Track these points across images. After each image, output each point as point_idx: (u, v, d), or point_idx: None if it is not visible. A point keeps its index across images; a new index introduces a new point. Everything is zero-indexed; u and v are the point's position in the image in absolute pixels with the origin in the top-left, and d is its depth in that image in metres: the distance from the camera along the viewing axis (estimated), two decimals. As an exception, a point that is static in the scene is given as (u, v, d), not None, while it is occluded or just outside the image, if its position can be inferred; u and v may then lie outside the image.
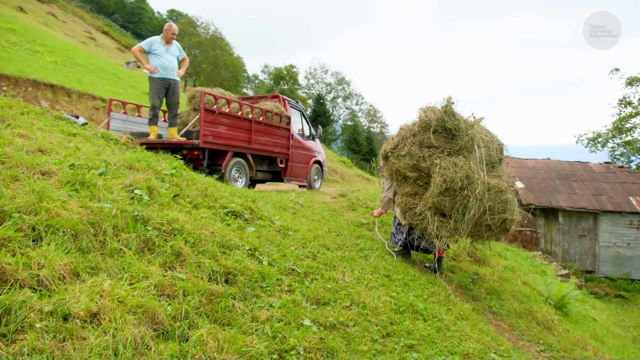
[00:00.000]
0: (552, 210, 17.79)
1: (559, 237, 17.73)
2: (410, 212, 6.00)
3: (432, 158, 5.81)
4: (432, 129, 5.93)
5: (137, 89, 23.27)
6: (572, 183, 19.03)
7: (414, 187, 6.04)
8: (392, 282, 4.81)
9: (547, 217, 17.85)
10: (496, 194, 5.70)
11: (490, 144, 6.16)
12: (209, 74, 48.02)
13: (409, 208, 6.01)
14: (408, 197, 6.03)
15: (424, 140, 5.97)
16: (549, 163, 20.58)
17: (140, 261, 3.08)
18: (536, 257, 15.46)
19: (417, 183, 6.02)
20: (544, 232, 17.79)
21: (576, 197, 18.08)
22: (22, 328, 2.14)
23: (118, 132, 7.78)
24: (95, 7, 68.99)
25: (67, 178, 3.65)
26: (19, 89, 13.87)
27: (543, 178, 19.10)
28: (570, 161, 21.01)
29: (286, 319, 3.20)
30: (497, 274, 7.17)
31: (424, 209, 5.80)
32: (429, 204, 5.75)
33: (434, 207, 5.74)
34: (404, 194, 6.10)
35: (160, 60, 7.70)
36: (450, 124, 5.89)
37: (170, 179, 4.72)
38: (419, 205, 5.85)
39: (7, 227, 2.70)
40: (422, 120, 6.07)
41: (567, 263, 17.31)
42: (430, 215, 5.73)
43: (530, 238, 17.72)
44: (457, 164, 5.61)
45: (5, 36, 20.82)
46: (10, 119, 4.91)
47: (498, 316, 5.67)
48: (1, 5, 32.82)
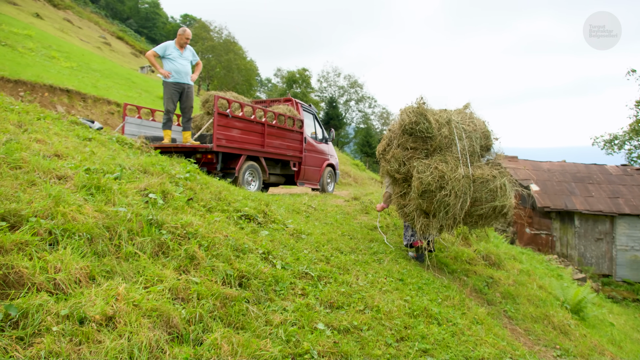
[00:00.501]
0: (568, 214, 17.57)
1: (575, 240, 17.50)
2: (401, 212, 6.16)
3: (411, 161, 5.88)
4: (408, 131, 5.92)
5: (151, 94, 23.49)
6: (588, 186, 18.78)
7: (402, 187, 6.15)
8: (406, 285, 4.78)
9: (563, 220, 17.63)
10: (482, 184, 5.75)
11: (472, 133, 6.14)
12: (222, 78, 48.29)
13: (400, 208, 6.17)
14: (399, 198, 6.17)
15: (403, 143, 6.02)
16: (565, 165, 20.33)
17: (154, 265, 3.10)
18: (552, 260, 15.27)
19: (404, 184, 6.12)
20: (559, 236, 17.57)
21: (592, 200, 17.83)
22: (39, 331, 2.16)
23: (132, 136, 7.86)
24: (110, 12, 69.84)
25: (83, 182, 3.69)
26: (36, 94, 14.07)
27: (558, 181, 18.88)
28: (586, 163, 20.73)
29: (300, 322, 3.20)
30: (512, 278, 7.09)
31: (411, 210, 5.92)
32: (413, 205, 5.85)
33: (418, 209, 5.84)
34: (396, 194, 6.23)
35: (174, 64, 7.77)
36: (422, 127, 5.85)
37: (184, 182, 4.75)
38: (408, 206, 5.97)
39: (24, 231, 2.73)
40: (400, 123, 6.06)
41: (584, 267, 17.07)
42: (416, 216, 5.85)
43: (546, 241, 17.52)
44: (432, 165, 5.69)
45: (22, 42, 21.16)
46: (27, 124, 4.98)
47: (513, 320, 5.61)
48: (18, 12, 33.38)
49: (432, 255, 6.53)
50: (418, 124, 5.85)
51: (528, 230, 17.80)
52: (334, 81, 60.50)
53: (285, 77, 58.33)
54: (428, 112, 6.01)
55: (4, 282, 2.35)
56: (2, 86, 13.06)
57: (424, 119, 5.87)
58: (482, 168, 5.96)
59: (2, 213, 2.79)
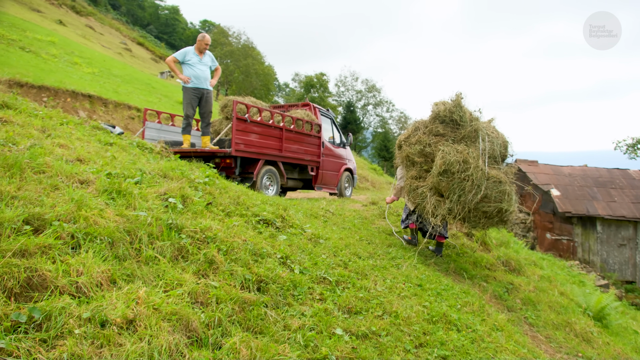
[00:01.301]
0: (590, 219, 17.26)
1: (597, 246, 17.17)
2: (414, 193, 6.54)
3: (438, 145, 6.38)
4: (440, 119, 6.58)
5: (171, 99, 23.78)
6: (610, 190, 18.43)
7: (420, 171, 6.60)
8: (425, 291, 4.74)
9: (585, 225, 17.32)
10: (494, 183, 6.11)
11: (495, 139, 6.57)
12: (241, 83, 48.65)
13: (413, 189, 6.55)
14: (413, 180, 6.60)
15: (433, 129, 6.59)
16: (586, 170, 19.99)
17: (174, 269, 3.13)
18: (573, 266, 15.01)
19: (422, 167, 6.58)
20: (581, 241, 17.26)
21: (615, 205, 17.49)
22: (61, 334, 2.19)
23: (152, 141, 7.95)
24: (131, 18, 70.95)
25: (104, 187, 3.74)
26: (59, 99, 14.35)
27: (580, 185, 18.57)
28: (609, 168, 20.35)
29: (318, 327, 3.19)
30: (532, 284, 6.98)
31: (425, 189, 6.37)
32: (430, 184, 6.30)
33: (433, 188, 6.28)
34: (411, 176, 6.66)
35: (193, 70, 7.85)
36: (457, 115, 6.47)
37: (203, 187, 4.79)
38: (422, 187, 6.43)
39: (47, 234, 2.78)
40: (434, 112, 6.71)
41: (606, 273, 16.73)
42: (429, 195, 6.28)
43: (567, 247, 17.22)
44: (458, 150, 6.16)
45: (46, 49, 21.61)
46: (50, 129, 5.08)
47: (534, 327, 5.52)
48: (42, 19, 34.12)
49: (439, 259, 6.84)
50: (453, 113, 6.47)
51: (549, 235, 17.53)
52: (351, 85, 60.45)
53: (303, 82, 58.50)
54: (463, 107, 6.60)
55: (27, 285, 2.39)
56: (26, 92, 13.34)
57: (460, 109, 6.49)
58: (497, 170, 6.28)
59: (26, 217, 2.84)
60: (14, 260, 2.43)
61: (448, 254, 7.13)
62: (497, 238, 9.28)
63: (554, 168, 19.84)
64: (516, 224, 18.95)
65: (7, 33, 20.64)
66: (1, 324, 2.09)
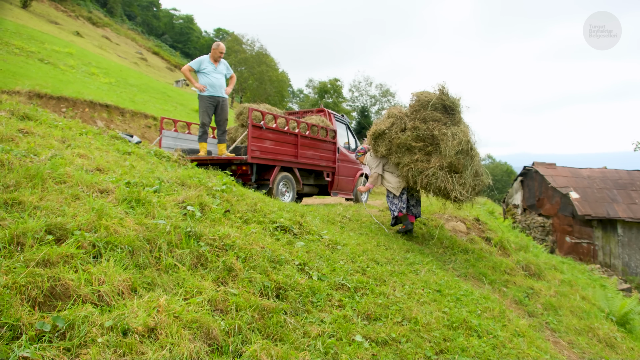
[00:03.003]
0: (610, 222, 16.96)
1: (619, 249, 16.85)
2: (421, 176, 6.95)
3: (439, 128, 6.92)
4: (433, 106, 7.14)
5: (186, 107, 24.02)
6: (631, 193, 18.10)
7: (421, 154, 7.06)
8: (444, 297, 4.69)
9: (605, 228, 17.02)
10: (479, 161, 7.20)
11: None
12: (255, 90, 48.95)
13: (420, 172, 6.99)
14: (417, 163, 7.03)
15: (427, 116, 7.10)
16: (606, 172, 19.66)
17: (193, 276, 3.14)
18: (594, 270, 14.74)
19: (423, 151, 7.05)
20: (602, 244, 16.96)
21: (636, 208, 17.17)
22: (84, 342, 2.20)
23: (169, 149, 8.03)
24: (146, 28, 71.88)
25: (124, 196, 3.78)
26: (77, 109, 14.59)
27: (599, 188, 18.26)
28: (629, 170, 19.99)
29: (337, 334, 3.18)
30: (553, 289, 6.87)
31: (436, 170, 6.85)
32: (444, 164, 6.83)
33: (447, 167, 6.84)
34: (411, 161, 7.08)
35: (208, 78, 7.92)
36: (449, 102, 7.15)
37: (220, 195, 4.81)
38: (431, 168, 6.89)
39: (69, 244, 2.81)
40: (421, 100, 7.24)
41: (629, 277, 16.40)
42: (445, 173, 6.83)
43: (587, 250, 16.94)
44: (463, 131, 6.96)
45: (64, 60, 22.00)
46: (70, 139, 5.16)
47: (556, 333, 5.42)
48: (59, 31, 34.76)
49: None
50: (445, 100, 7.12)
51: (568, 239, 17.27)
52: (365, 90, 60.38)
53: (316, 88, 58.63)
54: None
55: (51, 294, 2.42)
56: (46, 103, 13.59)
57: (448, 96, 7.18)
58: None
59: (48, 227, 2.88)
60: (37, 269, 2.47)
61: (467, 259, 7.06)
62: (516, 242, 9.17)
63: (573, 170, 19.56)
64: (535, 228, 18.71)
65: (26, 45, 21.07)
66: (26, 332, 2.12)
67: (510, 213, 20.53)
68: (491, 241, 8.80)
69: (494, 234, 9.28)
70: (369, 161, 7.83)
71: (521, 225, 19.04)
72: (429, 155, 7.01)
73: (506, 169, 71.92)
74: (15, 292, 2.29)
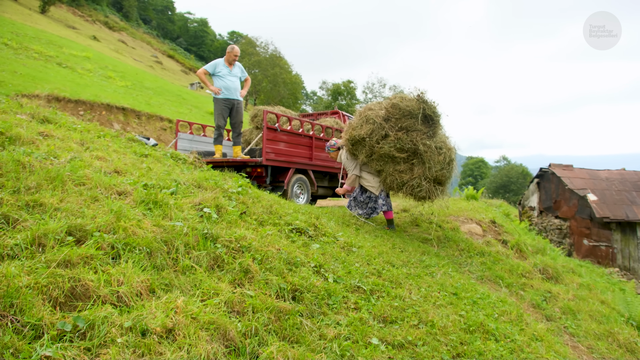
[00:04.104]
0: (630, 224, 16.67)
1: (638, 252, 16.56)
2: (407, 186, 6.99)
3: (422, 142, 6.89)
4: (414, 116, 7.02)
5: (201, 109, 24.19)
6: (651, 194, 17.78)
7: (405, 165, 7.02)
8: (460, 300, 4.66)
9: (624, 231, 16.74)
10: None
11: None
12: (269, 92, 49.15)
13: (403, 183, 7.00)
14: (401, 175, 7.01)
15: (409, 126, 7.00)
16: (624, 174, 19.34)
17: (210, 278, 3.16)
18: (613, 273, 14.50)
19: (407, 161, 7.01)
20: (621, 247, 16.68)
21: (657, 210, 16.86)
22: (104, 343, 2.23)
23: (185, 151, 8.10)
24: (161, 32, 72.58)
25: (142, 198, 3.82)
26: (94, 112, 14.79)
27: (618, 190, 17.98)
28: (649, 171, 19.65)
29: (354, 337, 3.17)
30: (571, 292, 6.77)
31: (420, 181, 6.91)
32: (429, 176, 6.90)
33: (432, 179, 6.95)
34: (395, 171, 7.04)
35: (223, 81, 7.98)
36: (430, 111, 7.07)
37: (236, 197, 4.84)
38: (415, 179, 6.92)
39: (89, 245, 2.85)
40: (402, 109, 7.05)
41: (649, 280, 16.11)
42: (428, 185, 6.93)
43: (606, 253, 16.67)
44: (445, 143, 7.13)
45: (81, 64, 22.32)
46: (88, 142, 5.23)
47: (575, 337, 5.35)
48: (77, 35, 35.29)
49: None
50: (425, 109, 7.00)
51: (586, 241, 17.02)
52: (379, 92, 60.21)
53: (330, 90, 58.66)
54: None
55: (71, 295, 2.46)
56: (64, 106, 13.79)
57: (428, 104, 7.06)
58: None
59: (69, 228, 2.92)
60: (58, 270, 2.50)
61: (483, 262, 7.00)
62: (533, 245, 9.06)
63: (590, 172, 19.29)
64: (551, 230, 18.49)
65: (45, 50, 21.42)
66: (48, 332, 2.15)
67: (526, 215, 20.31)
68: (508, 244, 8.71)
69: (510, 237, 9.19)
70: (346, 162, 7.64)
71: (537, 227, 18.82)
72: (412, 165, 7.00)
73: (522, 170, 71.20)
74: (37, 292, 2.33)
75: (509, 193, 60.55)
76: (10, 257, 2.58)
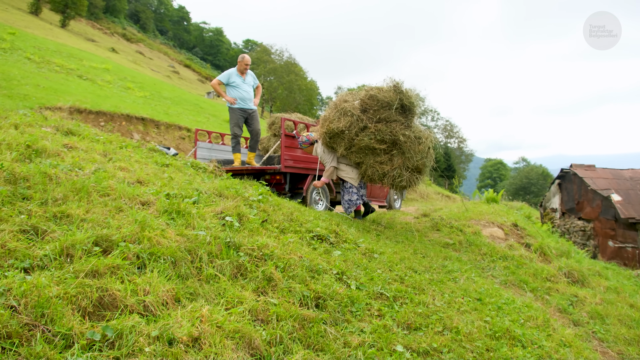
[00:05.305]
0: (656, 225, 16.28)
1: (666, 253, 16.15)
2: (388, 176, 6.99)
3: (402, 132, 6.90)
4: (392, 107, 7.00)
5: (218, 118, 24.41)
6: (677, 194, 17.35)
7: (385, 156, 7.01)
8: (485, 305, 4.59)
9: (651, 232, 16.34)
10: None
11: None
12: (284, 99, 49.41)
13: (384, 174, 7.00)
14: (381, 165, 7.02)
15: (388, 117, 6.99)
16: (649, 173, 18.91)
17: (234, 286, 3.17)
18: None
19: (387, 152, 7.00)
20: (647, 249, 16.29)
21: (683, 209, 16.44)
22: (132, 352, 2.25)
23: (204, 160, 8.17)
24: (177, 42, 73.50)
25: (164, 207, 3.86)
26: (114, 123, 15.02)
27: (643, 189, 17.57)
28: (675, 170, 19.17)
29: (378, 344, 3.15)
30: (599, 296, 6.63)
31: (401, 171, 6.95)
32: (409, 166, 6.99)
33: (412, 168, 7.03)
34: (375, 162, 7.04)
35: (238, 92, 8.09)
36: (407, 101, 7.09)
37: (257, 205, 4.86)
38: (395, 169, 6.95)
39: (115, 255, 2.89)
40: (380, 100, 7.04)
41: (677, 282, 15.69)
42: (409, 175, 7.02)
43: (632, 255, 16.30)
44: (423, 132, 7.22)
45: (101, 75, 22.73)
46: (111, 153, 5.31)
47: (604, 343, 5.23)
48: (96, 48, 35.96)
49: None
50: (402, 100, 7.03)
51: (611, 243, 16.67)
52: (394, 96, 59.96)
53: (345, 95, 58.56)
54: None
55: (99, 304, 2.49)
56: (85, 117, 14.05)
57: (406, 95, 7.10)
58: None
59: (95, 239, 2.97)
60: (86, 280, 2.54)
61: (506, 266, 6.91)
62: (557, 248, 8.91)
63: (614, 172, 18.90)
64: (574, 232, 18.16)
65: (66, 63, 21.86)
66: (78, 341, 2.18)
67: (548, 217, 19.99)
68: (531, 247, 8.58)
69: (533, 240, 9.05)
70: (323, 155, 7.58)
71: (560, 229, 18.50)
72: (392, 156, 7.02)
73: (542, 171, 70.21)
74: (67, 302, 2.37)
75: (530, 195, 59.73)
76: (40, 268, 2.63)
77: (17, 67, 17.44)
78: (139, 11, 70.60)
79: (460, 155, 63.89)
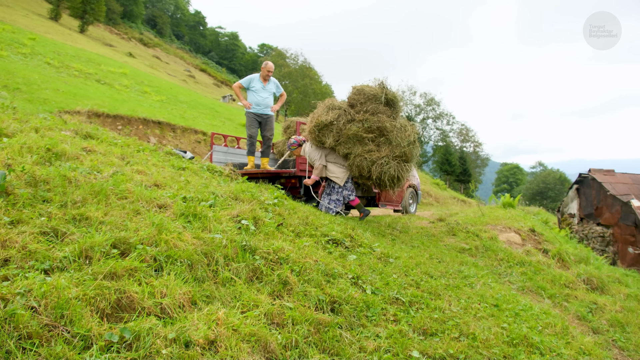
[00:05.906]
0: (677, 231, 15.95)
1: (687, 260, 15.80)
2: (375, 165, 7.25)
3: (389, 121, 7.36)
4: (378, 99, 7.55)
5: (234, 121, 24.55)
6: (699, 199, 16.98)
7: (373, 144, 7.36)
8: (502, 312, 4.54)
9: (672, 238, 16.02)
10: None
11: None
12: (299, 103, 49.53)
13: (373, 162, 7.27)
14: (370, 154, 7.32)
15: (374, 109, 7.47)
16: (670, 178, 18.54)
17: (250, 290, 3.18)
18: (661, 283, 13.89)
19: (374, 141, 7.37)
20: (668, 255, 15.96)
21: None
22: (149, 354, 2.26)
23: (220, 163, 8.23)
24: (193, 47, 74.17)
25: (181, 210, 3.89)
26: (132, 127, 15.20)
27: (664, 195, 17.23)
28: (697, 174, 18.78)
29: (394, 350, 3.12)
30: (618, 303, 6.51)
31: (388, 160, 7.26)
32: (396, 153, 7.32)
33: (400, 156, 7.36)
34: (364, 151, 7.35)
35: (255, 97, 8.21)
36: (391, 96, 7.66)
37: (273, 208, 4.87)
38: (383, 157, 7.26)
39: (132, 257, 2.91)
40: (367, 94, 7.62)
41: (699, 290, 15.35)
42: (397, 163, 7.32)
43: (653, 262, 15.98)
44: (409, 124, 7.70)
45: (119, 80, 23.02)
46: (129, 156, 5.37)
47: (625, 351, 5.13)
48: (114, 52, 36.45)
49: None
50: (387, 95, 7.57)
51: (631, 249, 16.37)
52: (409, 100, 59.83)
53: (360, 99, 58.49)
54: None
55: (117, 306, 2.51)
56: (103, 121, 14.23)
57: (389, 90, 7.68)
58: None
59: (113, 241, 3.00)
60: (105, 282, 2.57)
61: (524, 272, 6.82)
62: (575, 254, 8.77)
63: (634, 177, 18.57)
64: (593, 238, 17.88)
65: (84, 67, 22.20)
66: (96, 343, 2.20)
67: (566, 223, 19.71)
68: (548, 253, 8.46)
69: (551, 246, 8.93)
70: (311, 153, 7.80)
71: (578, 235, 18.23)
72: (379, 145, 7.35)
73: (559, 176, 69.30)
74: (86, 303, 2.39)
75: (547, 200, 59.03)
76: (59, 269, 2.66)
77: (37, 71, 17.76)
78: (155, 16, 71.47)
79: (476, 160, 63.36)
